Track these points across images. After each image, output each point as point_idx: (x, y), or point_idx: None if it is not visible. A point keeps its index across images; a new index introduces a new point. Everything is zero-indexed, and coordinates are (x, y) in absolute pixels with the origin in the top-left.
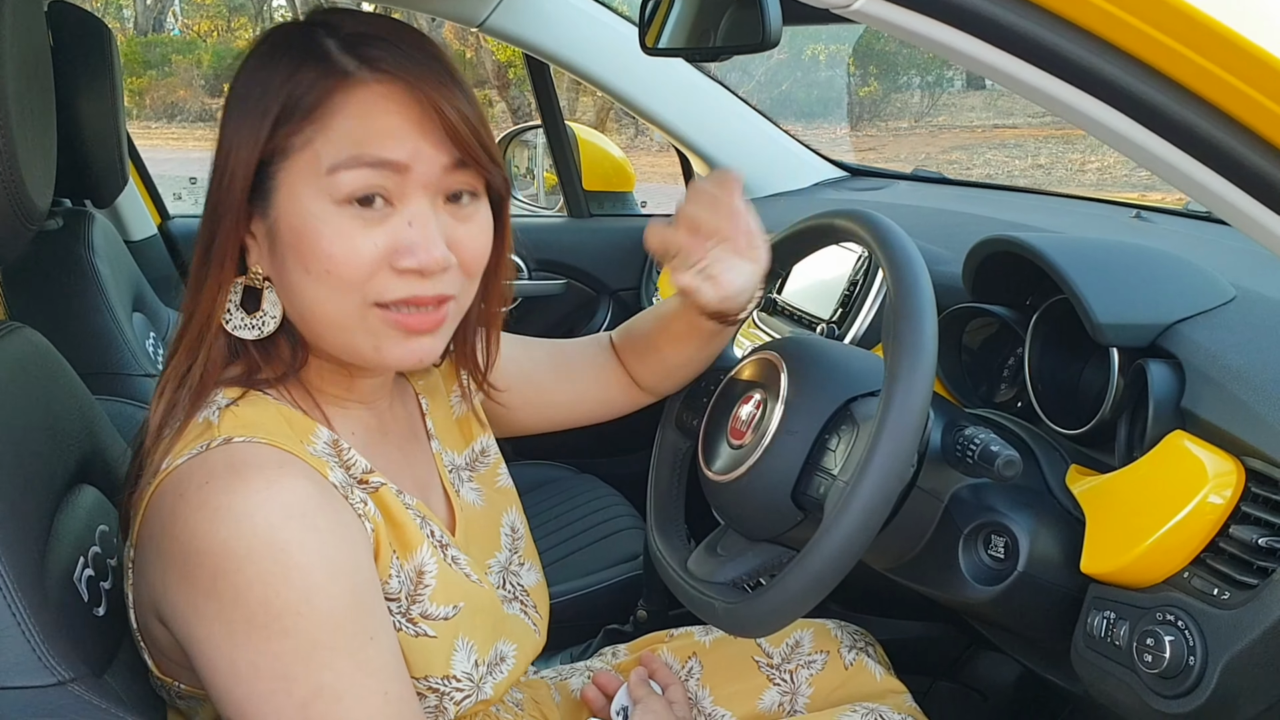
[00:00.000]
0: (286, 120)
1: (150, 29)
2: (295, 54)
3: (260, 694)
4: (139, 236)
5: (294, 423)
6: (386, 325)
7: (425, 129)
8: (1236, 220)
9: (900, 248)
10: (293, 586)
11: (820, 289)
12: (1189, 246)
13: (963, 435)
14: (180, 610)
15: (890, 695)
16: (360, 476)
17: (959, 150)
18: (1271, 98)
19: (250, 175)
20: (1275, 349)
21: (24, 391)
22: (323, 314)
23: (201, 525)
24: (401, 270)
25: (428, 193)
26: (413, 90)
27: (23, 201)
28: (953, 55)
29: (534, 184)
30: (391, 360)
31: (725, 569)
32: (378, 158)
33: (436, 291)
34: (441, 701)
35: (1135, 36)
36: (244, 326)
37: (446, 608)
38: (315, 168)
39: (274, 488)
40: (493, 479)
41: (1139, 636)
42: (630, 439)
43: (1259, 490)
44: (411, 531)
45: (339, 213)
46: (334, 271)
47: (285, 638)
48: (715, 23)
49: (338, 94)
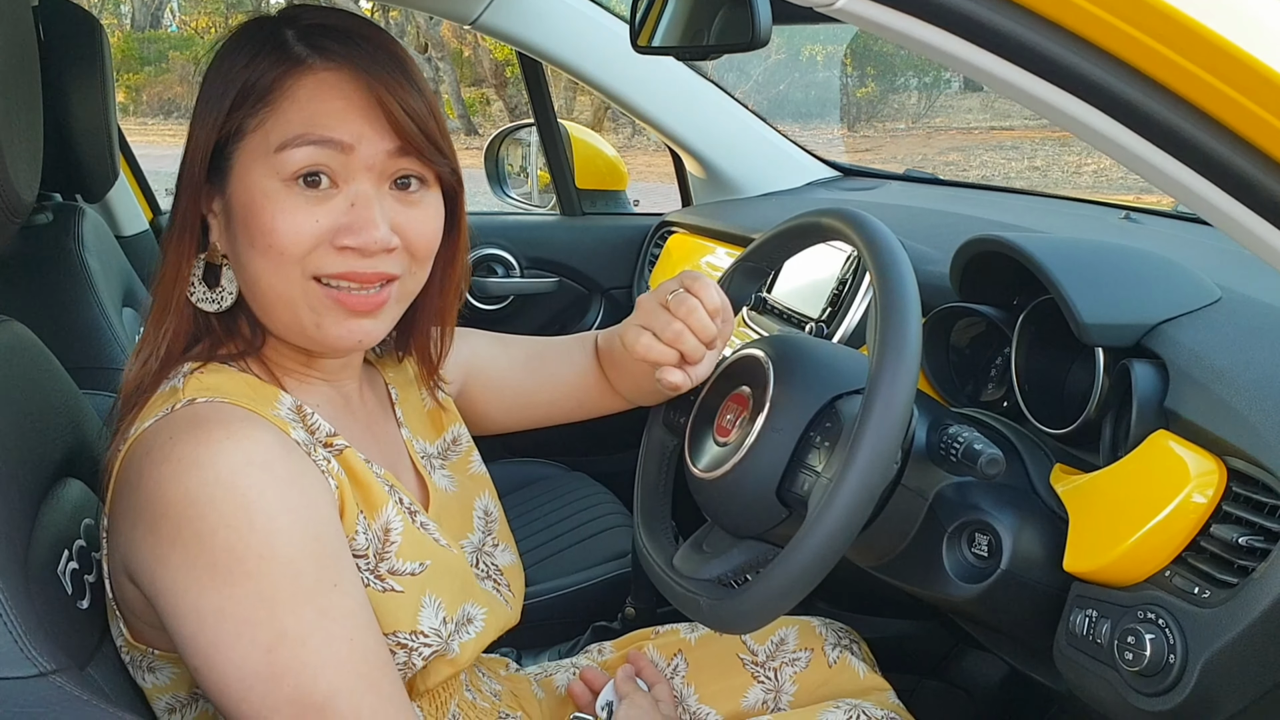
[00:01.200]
0: (242, 103)
1: (148, 25)
2: (256, 43)
3: (225, 639)
4: (130, 232)
5: (257, 389)
6: (327, 301)
7: (369, 115)
8: (1213, 217)
9: (885, 247)
10: (255, 531)
11: (809, 288)
12: (1176, 247)
13: (947, 434)
14: (147, 562)
15: (874, 692)
16: (324, 440)
17: (955, 151)
18: (1248, 96)
19: (208, 154)
20: (1259, 350)
21: (9, 385)
22: (268, 288)
23: (166, 476)
24: (341, 248)
25: (371, 175)
26: (359, 78)
27: (7, 194)
28: (935, 54)
29: (527, 182)
30: (331, 338)
31: (710, 566)
32: (322, 136)
33: (375, 269)
34: (410, 658)
35: (1113, 35)
36: (205, 300)
37: (413, 564)
38: (265, 147)
39: (235, 438)
40: (465, 466)
41: (1120, 635)
42: (620, 437)
43: (1240, 490)
44: (377, 491)
45: (285, 190)
46: (275, 246)
47: (248, 581)
48: (707, 22)
49: (290, 79)
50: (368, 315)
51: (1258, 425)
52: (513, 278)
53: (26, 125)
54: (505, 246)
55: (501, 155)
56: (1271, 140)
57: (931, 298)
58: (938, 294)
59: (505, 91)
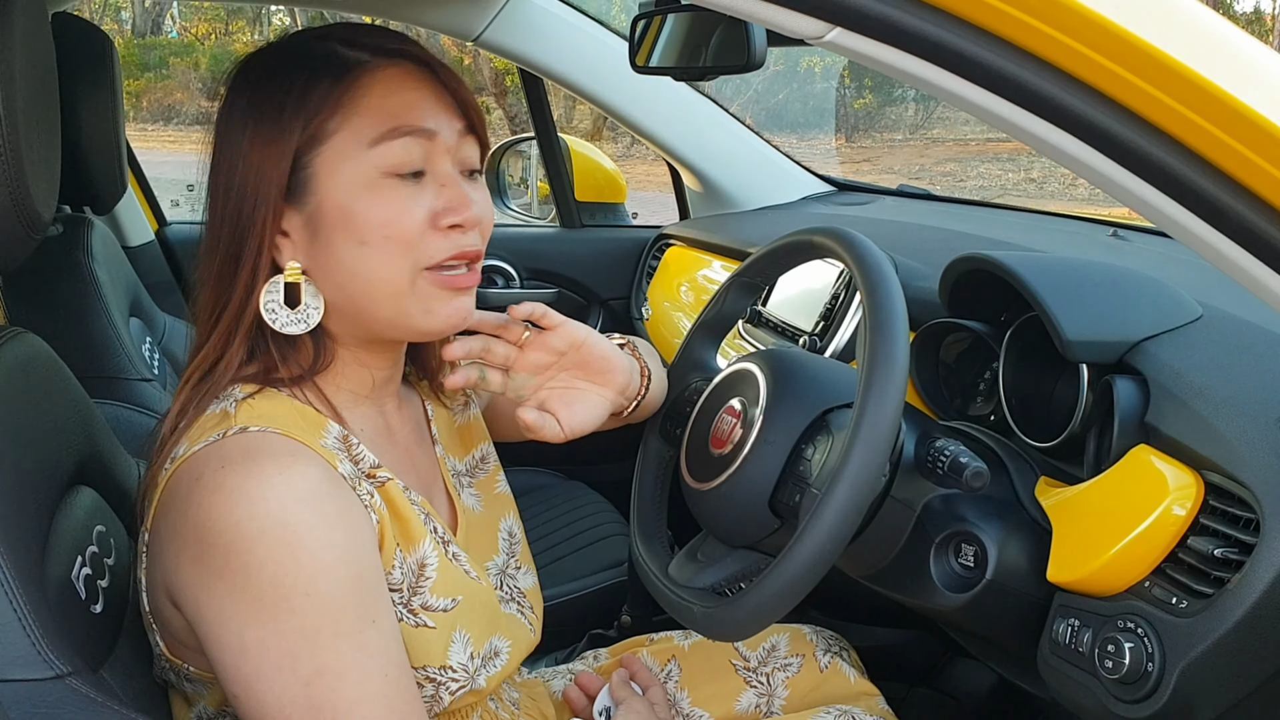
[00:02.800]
0: (316, 113)
1: (148, 31)
2: (305, 61)
3: (266, 671)
4: (137, 242)
5: (306, 417)
6: (435, 287)
7: (441, 101)
8: (1185, 239)
9: (875, 266)
10: (301, 568)
11: (803, 302)
12: (1160, 265)
13: (934, 447)
14: (192, 589)
15: (864, 698)
16: (368, 471)
17: (952, 163)
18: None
19: (286, 174)
20: (1236, 367)
21: (27, 395)
22: (379, 282)
23: (216, 506)
24: (446, 229)
25: (449, 158)
26: (420, 69)
27: (28, 211)
28: (924, 85)
29: (527, 194)
30: (439, 320)
31: (704, 574)
32: (414, 125)
33: (476, 245)
34: (438, 691)
35: (1089, 66)
36: (291, 322)
37: (446, 600)
38: (355, 143)
39: (286, 474)
40: (492, 485)
41: (1101, 643)
42: (617, 447)
43: (1217, 503)
44: (415, 525)
45: (385, 183)
46: (392, 236)
47: (292, 617)
48: (703, 44)
49: (362, 79)
50: (467, 292)
51: (1234, 441)
52: (513, 288)
53: (45, 145)
54: (505, 258)
55: (502, 167)
56: (1246, 171)
57: (921, 313)
58: (927, 309)
59: (505, 100)
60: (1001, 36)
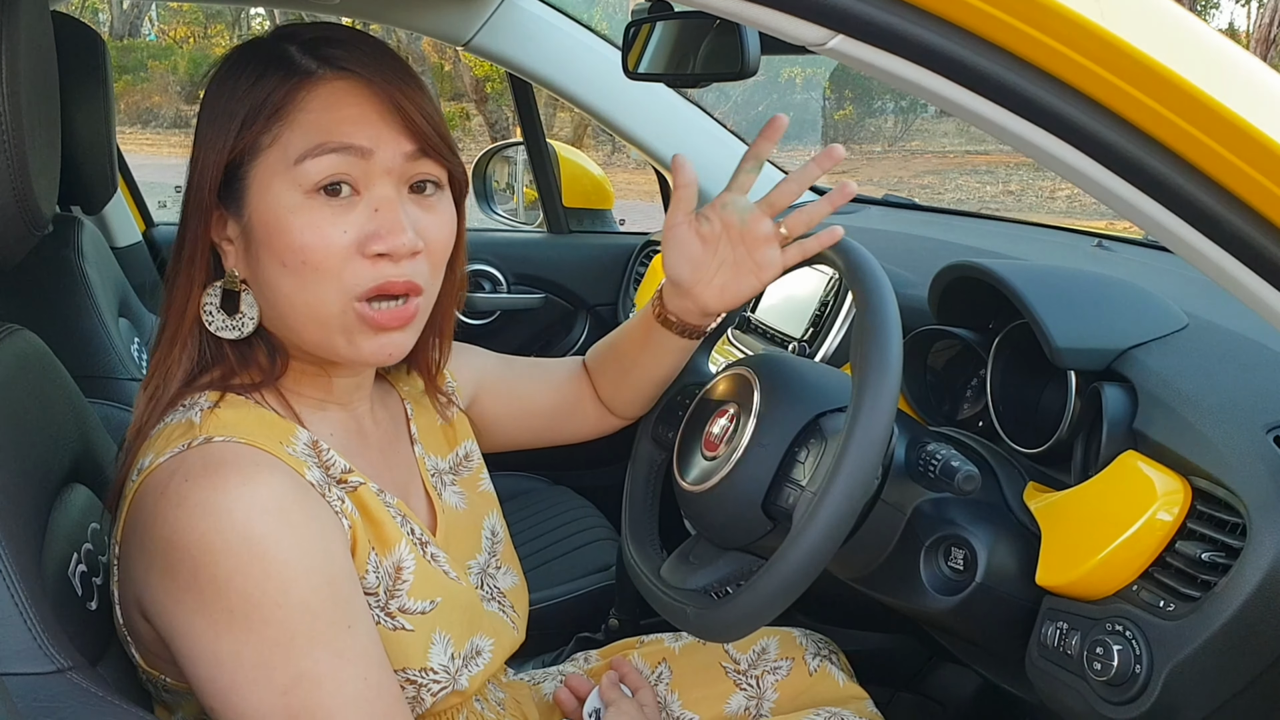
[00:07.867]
0: (254, 120)
1: (126, 34)
2: (259, 62)
3: (242, 682)
4: (124, 243)
5: (273, 425)
6: (359, 321)
7: (385, 119)
8: (1184, 252)
9: (868, 271)
10: (270, 579)
11: (792, 308)
12: (1147, 275)
13: (925, 451)
14: (162, 604)
15: (852, 701)
16: (339, 476)
17: (931, 175)
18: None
19: (219, 176)
20: (1222, 374)
21: (24, 391)
22: (302, 306)
23: (181, 521)
24: (372, 256)
25: (390, 179)
26: (371, 85)
27: (31, 208)
28: (923, 93)
29: (514, 199)
30: (365, 354)
31: (696, 576)
32: (341, 143)
33: (406, 277)
34: (419, 693)
35: (1087, 77)
36: (225, 327)
37: (424, 602)
38: (284, 160)
39: (250, 484)
40: (475, 483)
41: (1089, 646)
42: (603, 453)
43: (1203, 508)
44: (390, 529)
45: (309, 203)
46: (309, 261)
47: (265, 627)
48: (694, 50)
49: (302, 91)
50: (398, 329)
51: (1220, 446)
52: (500, 293)
53: (47, 142)
54: (493, 262)
55: (489, 172)
56: (1240, 183)
57: (910, 320)
58: (916, 317)
59: (485, 106)
60: (1005, 48)
